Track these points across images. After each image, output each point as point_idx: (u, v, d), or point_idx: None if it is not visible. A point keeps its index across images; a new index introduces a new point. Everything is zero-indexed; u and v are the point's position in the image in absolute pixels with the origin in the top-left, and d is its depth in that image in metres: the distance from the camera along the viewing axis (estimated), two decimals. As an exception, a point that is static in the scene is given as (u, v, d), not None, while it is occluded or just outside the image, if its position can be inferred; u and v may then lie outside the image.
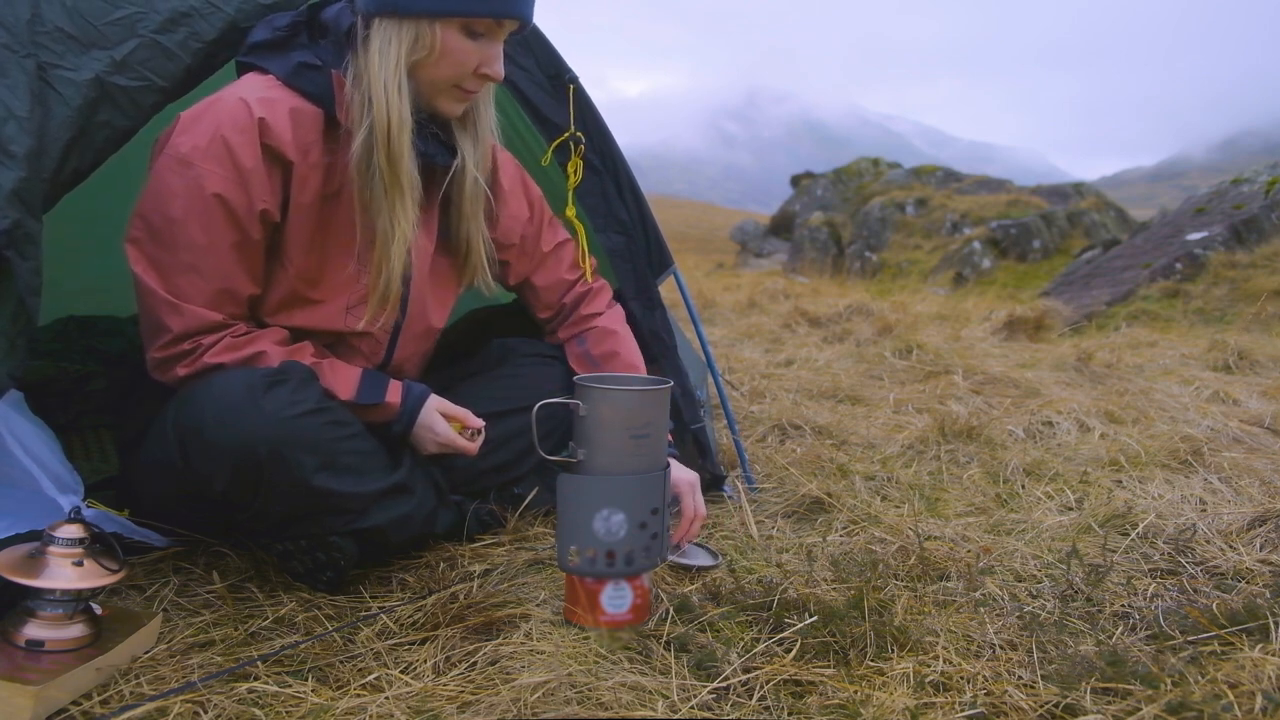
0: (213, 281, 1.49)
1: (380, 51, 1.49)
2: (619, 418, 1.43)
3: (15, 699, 1.11)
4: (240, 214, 1.47)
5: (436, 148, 1.63)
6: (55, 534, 1.26)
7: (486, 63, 1.54)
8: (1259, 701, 1.17)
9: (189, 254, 1.46)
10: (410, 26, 1.49)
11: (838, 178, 20.44)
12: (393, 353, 1.74)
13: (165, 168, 1.46)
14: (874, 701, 1.22)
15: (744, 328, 5.65)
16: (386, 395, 1.60)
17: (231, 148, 1.45)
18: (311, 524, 1.50)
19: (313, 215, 1.56)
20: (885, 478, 2.35)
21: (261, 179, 1.48)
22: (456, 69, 1.54)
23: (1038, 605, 1.56)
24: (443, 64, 1.52)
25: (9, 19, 1.36)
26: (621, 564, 1.42)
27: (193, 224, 1.45)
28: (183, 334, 1.48)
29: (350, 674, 1.28)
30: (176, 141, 1.46)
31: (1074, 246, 13.94)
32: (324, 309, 1.61)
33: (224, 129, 1.45)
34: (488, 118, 1.70)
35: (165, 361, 1.51)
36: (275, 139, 1.49)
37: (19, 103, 1.30)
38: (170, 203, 1.45)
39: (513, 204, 1.87)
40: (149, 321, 1.51)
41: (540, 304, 1.95)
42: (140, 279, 1.47)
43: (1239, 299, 6.99)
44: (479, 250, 1.76)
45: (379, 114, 1.49)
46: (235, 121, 1.46)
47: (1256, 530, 1.88)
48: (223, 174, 1.45)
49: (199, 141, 1.45)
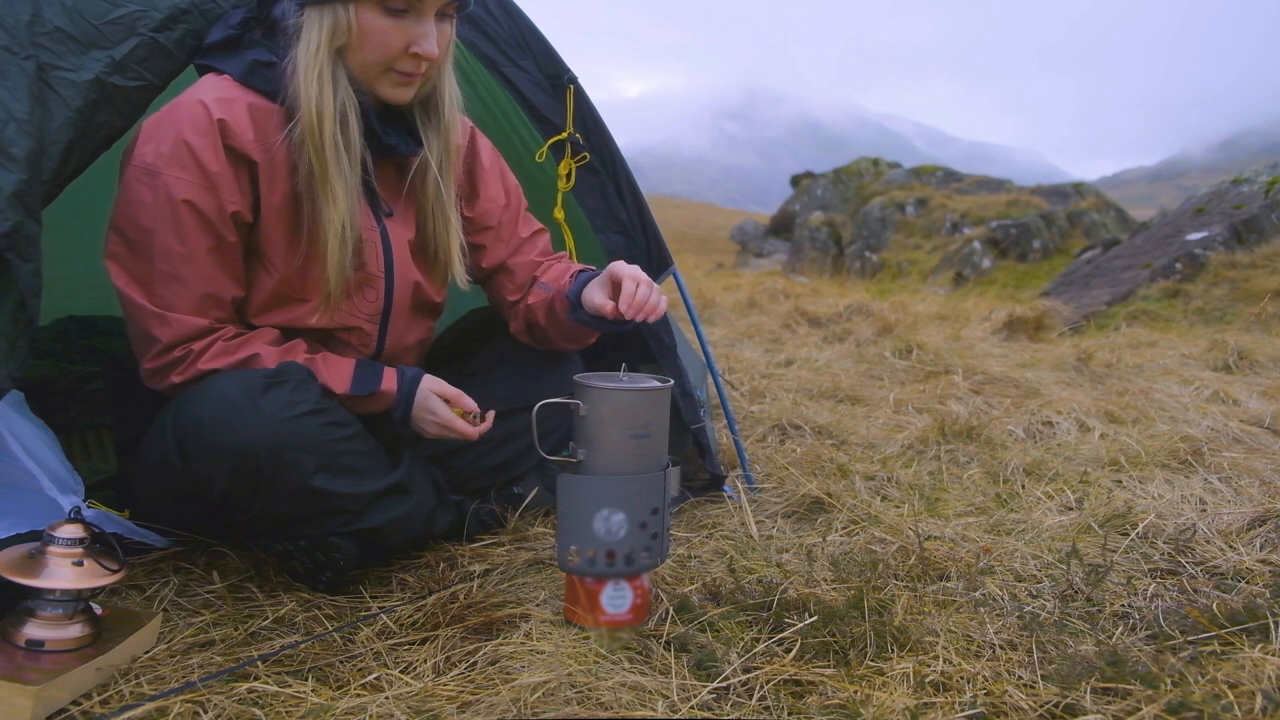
0: (195, 288, 1.48)
1: (304, 40, 1.47)
2: (619, 418, 1.43)
3: (15, 699, 1.11)
4: (212, 217, 1.47)
5: (400, 137, 1.62)
6: (55, 534, 1.26)
7: (415, 41, 1.50)
8: (1259, 701, 1.17)
9: (167, 263, 1.46)
10: (329, 11, 1.47)
11: (838, 178, 20.44)
12: (384, 342, 1.73)
13: (133, 178, 1.45)
14: (874, 701, 1.22)
15: (744, 328, 5.65)
16: (382, 383, 1.59)
17: (195, 151, 1.44)
18: (311, 524, 1.50)
19: (287, 214, 1.54)
20: (885, 478, 2.35)
21: (229, 181, 1.47)
22: (382, 50, 1.50)
23: (1038, 605, 1.56)
24: (366, 47, 1.49)
25: (9, 20, 1.35)
26: (621, 564, 1.43)
27: (167, 232, 1.45)
28: (172, 343, 1.48)
29: (350, 674, 1.28)
30: (141, 151, 1.45)
31: (1074, 246, 13.94)
32: (308, 306, 1.60)
33: (185, 133, 1.44)
34: (451, 98, 1.66)
35: (158, 371, 1.51)
36: (236, 139, 1.48)
37: (19, 105, 1.30)
38: (142, 213, 1.44)
39: (492, 187, 1.85)
40: (137, 334, 1.51)
41: (513, 286, 1.88)
42: (123, 293, 1.47)
43: (1239, 299, 6.99)
44: (448, 246, 1.72)
45: (305, 105, 1.47)
46: (195, 124, 1.45)
47: (1256, 530, 1.88)
48: (189, 179, 1.44)
49: (162, 149, 1.44)
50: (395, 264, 1.67)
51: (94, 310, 2.89)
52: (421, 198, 1.69)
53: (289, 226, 1.55)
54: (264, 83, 1.51)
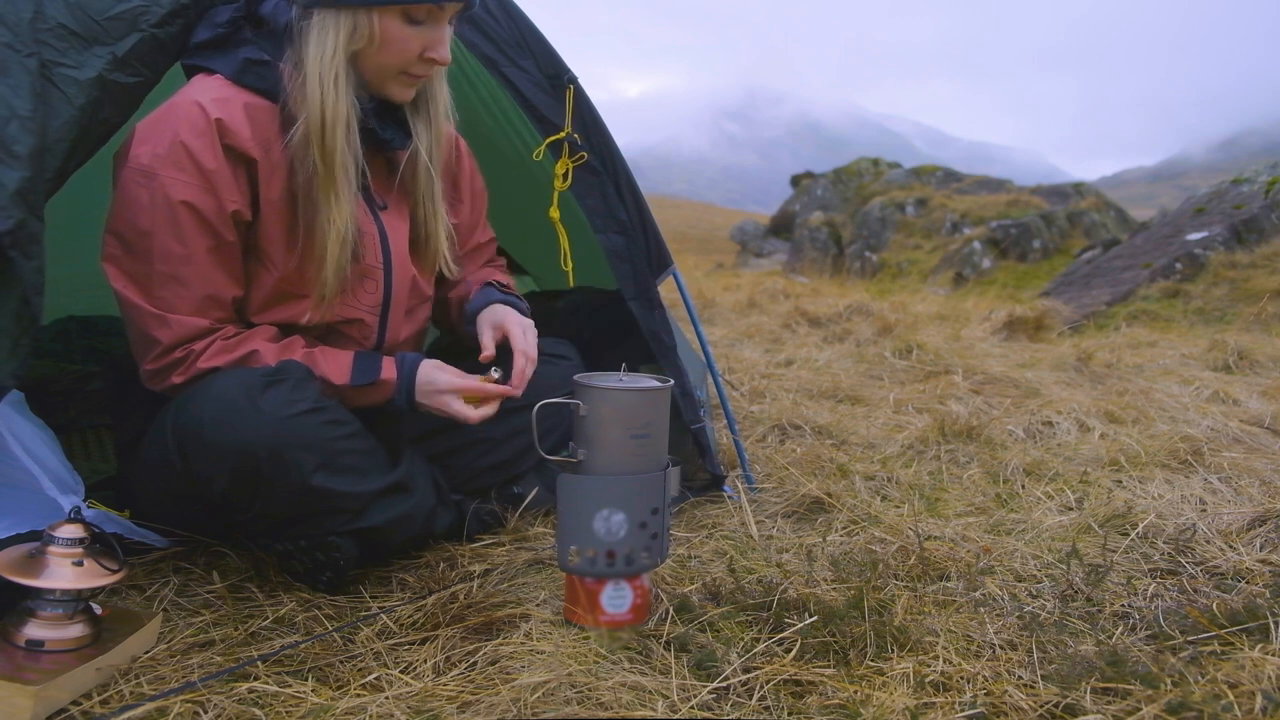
0: (195, 289, 1.48)
1: (317, 42, 1.48)
2: (619, 418, 1.43)
3: (15, 699, 1.11)
4: (211, 218, 1.47)
5: (394, 132, 1.63)
6: (55, 534, 1.26)
7: (431, 47, 1.53)
8: (1259, 701, 1.17)
9: (166, 264, 1.46)
10: (348, 16, 1.48)
11: (838, 178, 20.44)
12: (384, 334, 1.73)
13: (129, 180, 1.45)
14: (874, 701, 1.22)
15: (744, 328, 5.64)
16: (382, 371, 1.60)
17: (192, 152, 1.44)
18: (311, 524, 1.50)
19: (285, 211, 1.55)
20: (885, 478, 2.35)
21: (227, 180, 1.48)
22: (400, 56, 1.52)
23: (1038, 605, 1.56)
24: (385, 52, 1.51)
25: (11, 17, 1.35)
26: (621, 564, 1.43)
27: (165, 234, 1.45)
28: (173, 344, 1.48)
29: (350, 674, 1.28)
30: (136, 152, 1.45)
31: (1074, 246, 13.94)
32: (308, 302, 1.60)
33: (182, 134, 1.44)
34: (443, 100, 1.68)
35: (159, 373, 1.51)
36: (235, 138, 1.48)
37: (22, 102, 1.30)
38: (139, 215, 1.44)
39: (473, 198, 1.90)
40: (137, 336, 1.51)
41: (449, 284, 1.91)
42: (122, 295, 1.47)
43: (1239, 299, 6.98)
44: (438, 234, 1.75)
45: (313, 107, 1.48)
46: (193, 125, 1.45)
47: (1256, 530, 1.88)
48: (186, 180, 1.44)
49: (158, 150, 1.44)
50: (393, 255, 1.68)
51: (94, 310, 2.89)
52: (412, 186, 1.71)
53: (287, 223, 1.55)
54: (258, 81, 1.52)
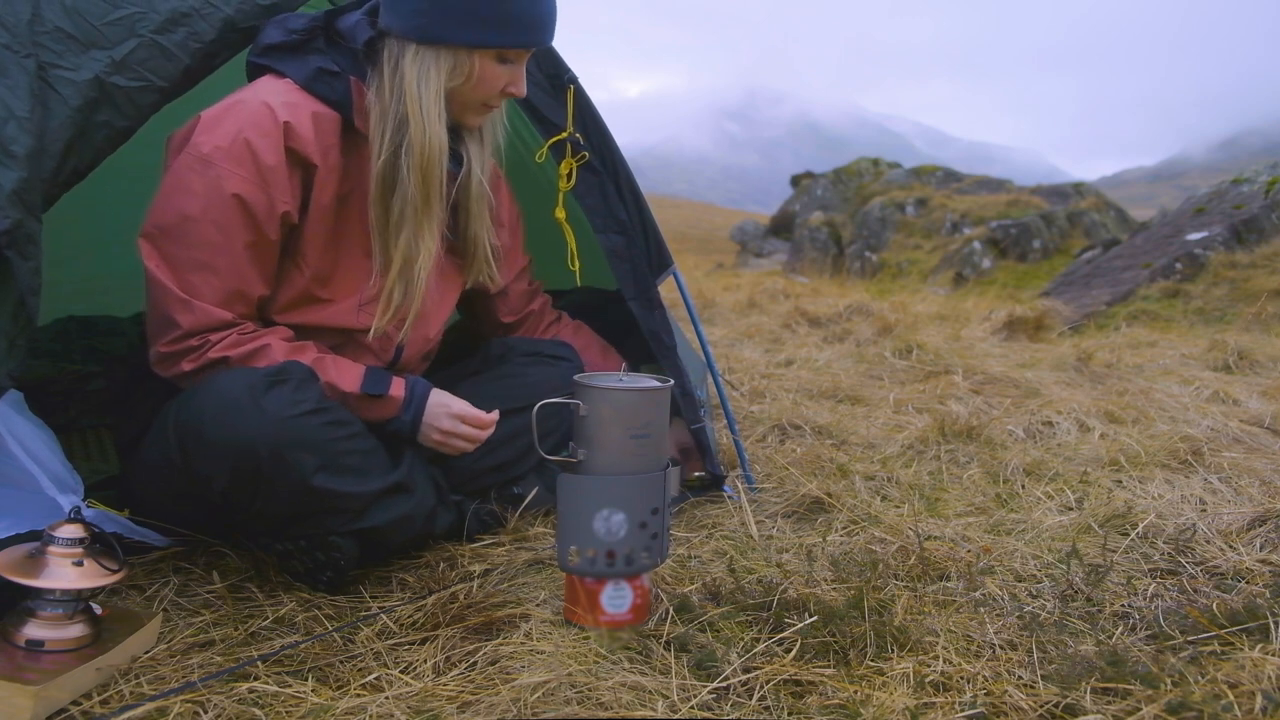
0: (226, 281, 1.51)
1: (420, 78, 1.55)
2: (619, 418, 1.43)
3: (15, 699, 1.11)
4: (259, 215, 1.50)
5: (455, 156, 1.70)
6: (55, 534, 1.26)
7: (514, 83, 1.64)
8: (1259, 701, 1.17)
9: (203, 252, 1.48)
10: (449, 55, 1.56)
11: (838, 178, 20.43)
12: (401, 351, 1.77)
13: (185, 165, 1.47)
14: (874, 701, 1.22)
15: (744, 328, 5.64)
16: (390, 388, 1.62)
17: (254, 150, 1.48)
18: (311, 524, 1.51)
19: (329, 216, 1.60)
20: (885, 478, 2.35)
21: (283, 181, 1.51)
22: (488, 91, 1.62)
23: (1038, 605, 1.56)
24: (479, 89, 1.61)
25: (9, 19, 1.36)
26: (621, 564, 1.43)
27: (209, 223, 1.47)
28: (192, 330, 1.50)
29: (350, 674, 1.28)
30: (198, 140, 1.48)
31: (1074, 246, 13.94)
32: (333, 308, 1.64)
33: (247, 131, 1.48)
34: (499, 124, 1.78)
35: (171, 356, 1.52)
36: (300, 143, 1.52)
37: (19, 103, 1.30)
38: (188, 200, 1.47)
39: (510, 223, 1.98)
40: (158, 316, 1.52)
41: (507, 309, 2.03)
42: (152, 274, 1.49)
43: (1239, 299, 6.98)
44: (485, 247, 1.82)
45: (417, 137, 1.55)
46: (259, 125, 1.49)
47: (1256, 530, 1.88)
48: (243, 175, 1.47)
49: (221, 142, 1.47)
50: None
51: (94, 310, 2.89)
52: (465, 202, 1.77)
53: (330, 227, 1.61)
54: (327, 91, 1.57)
